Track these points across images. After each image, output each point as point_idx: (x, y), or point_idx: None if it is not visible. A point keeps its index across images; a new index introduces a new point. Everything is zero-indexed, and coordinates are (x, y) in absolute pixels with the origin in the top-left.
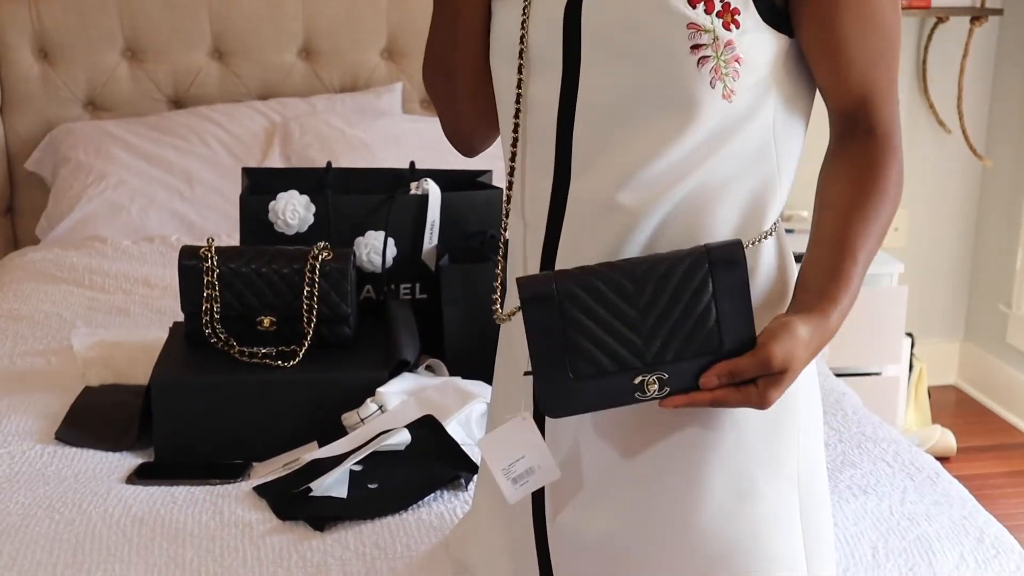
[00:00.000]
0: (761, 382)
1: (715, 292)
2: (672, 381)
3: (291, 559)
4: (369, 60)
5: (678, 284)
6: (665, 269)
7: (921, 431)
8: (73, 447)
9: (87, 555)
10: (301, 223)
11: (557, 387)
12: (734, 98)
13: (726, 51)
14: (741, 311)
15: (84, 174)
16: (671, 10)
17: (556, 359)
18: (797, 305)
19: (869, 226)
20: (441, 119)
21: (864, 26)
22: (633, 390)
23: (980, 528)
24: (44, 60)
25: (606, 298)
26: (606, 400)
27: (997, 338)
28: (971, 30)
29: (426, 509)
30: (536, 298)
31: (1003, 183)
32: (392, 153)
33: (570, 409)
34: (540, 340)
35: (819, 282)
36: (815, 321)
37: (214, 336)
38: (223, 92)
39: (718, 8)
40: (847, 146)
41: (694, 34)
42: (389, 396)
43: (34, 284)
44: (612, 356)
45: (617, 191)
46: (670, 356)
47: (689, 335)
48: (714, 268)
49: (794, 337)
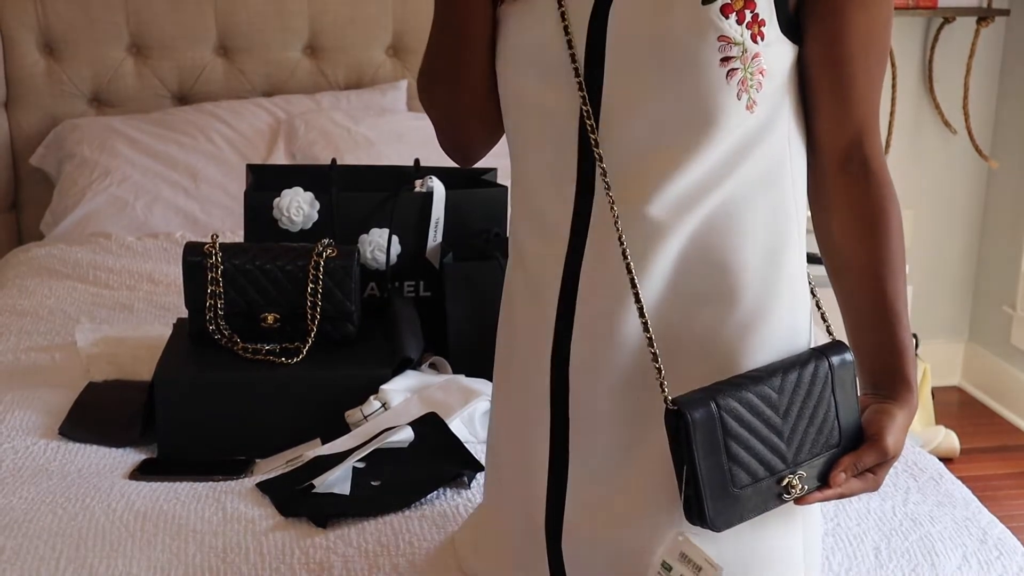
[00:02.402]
0: (877, 469)
1: (834, 389)
2: (808, 479)
3: (294, 555)
4: (374, 57)
5: (808, 386)
6: (796, 374)
7: (925, 432)
8: (76, 443)
9: (90, 550)
10: (305, 220)
11: (720, 500)
12: (756, 109)
13: (753, 63)
14: (852, 404)
15: (89, 170)
16: (704, 21)
17: (719, 474)
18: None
19: (899, 284)
20: (438, 130)
21: (867, 43)
22: (780, 493)
23: (983, 529)
24: (49, 56)
25: (757, 408)
26: (761, 505)
27: (1001, 339)
28: (977, 30)
29: (429, 506)
30: (702, 418)
31: (1009, 184)
32: (397, 150)
33: (735, 519)
34: (706, 457)
35: (888, 362)
36: (906, 405)
37: (218, 333)
38: (228, 88)
39: (748, 19)
40: (847, 188)
41: (725, 46)
42: (392, 393)
43: (38, 280)
44: (764, 463)
45: (645, 204)
46: (804, 455)
47: (818, 432)
48: (833, 369)
49: (898, 425)
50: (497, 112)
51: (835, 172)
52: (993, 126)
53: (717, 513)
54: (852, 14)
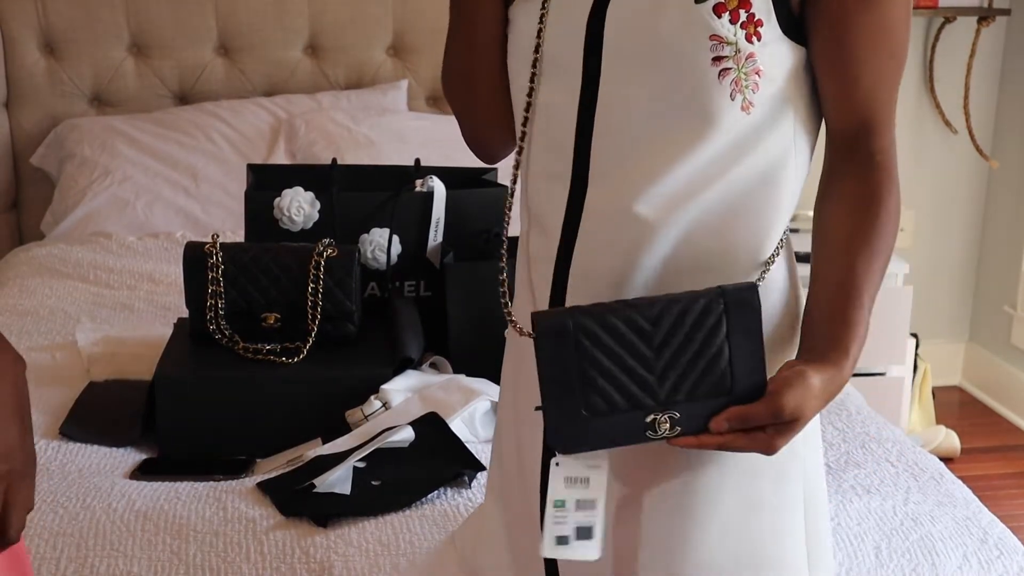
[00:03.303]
0: (770, 430)
1: (729, 333)
2: (683, 421)
3: (294, 555)
4: (375, 57)
5: (693, 324)
6: (680, 308)
7: (925, 432)
8: (77, 442)
9: (91, 550)
10: (306, 220)
11: (569, 423)
12: (752, 110)
13: (747, 63)
14: (754, 354)
15: (89, 170)
16: (696, 21)
17: (569, 395)
18: (809, 352)
19: (872, 264)
20: (461, 126)
21: (875, 43)
22: (644, 428)
23: (983, 529)
24: (50, 55)
25: (622, 336)
26: (617, 438)
27: (1002, 339)
28: (978, 30)
29: (429, 506)
30: (552, 332)
31: (1009, 184)
32: (397, 150)
33: (581, 446)
34: (553, 375)
35: (829, 329)
36: (829, 373)
37: (218, 332)
38: (229, 88)
39: (743, 19)
40: (847, 173)
41: (716, 46)
42: (393, 393)
43: (39, 279)
44: (625, 394)
45: (634, 201)
46: (682, 396)
47: (701, 375)
48: (728, 309)
49: (807, 388)
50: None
51: (839, 161)
52: (994, 126)
53: (561, 433)
54: (856, 15)
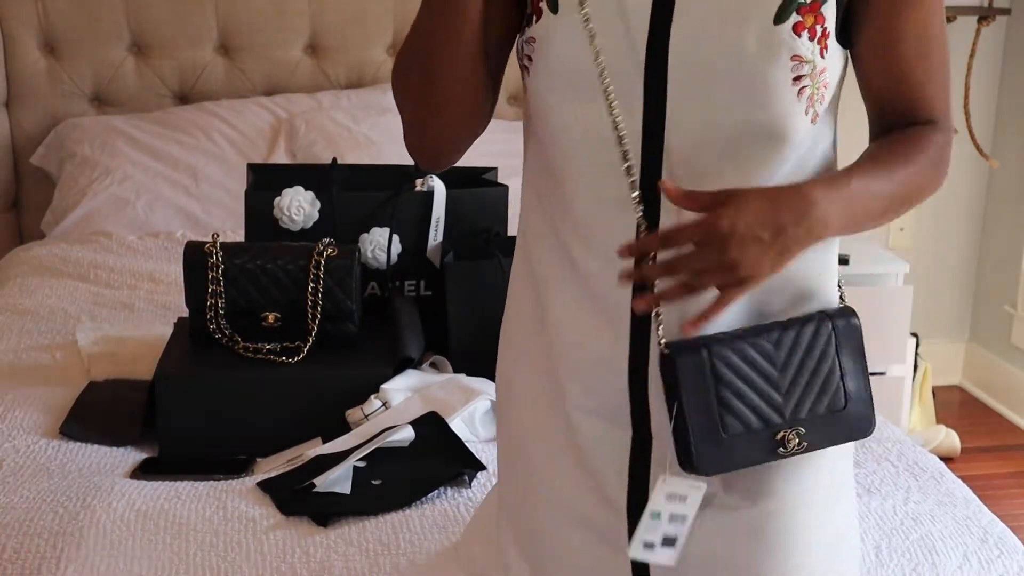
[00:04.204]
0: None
1: (838, 353)
2: (809, 436)
3: (294, 554)
4: (375, 56)
5: (807, 345)
6: (795, 331)
7: (925, 431)
8: (77, 442)
9: (91, 549)
10: (306, 219)
11: (710, 447)
12: (817, 120)
13: (820, 77)
14: (857, 368)
15: (90, 169)
16: (776, 42)
17: (709, 420)
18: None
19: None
20: (405, 127)
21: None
22: (776, 446)
23: (984, 528)
24: (50, 55)
25: (753, 360)
26: (752, 456)
27: (1002, 339)
28: (978, 30)
29: (429, 506)
30: (690, 361)
31: (1009, 183)
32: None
33: (721, 467)
34: (693, 402)
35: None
36: (779, 190)
37: (218, 332)
38: (229, 88)
39: (819, 35)
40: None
41: (797, 66)
42: (393, 393)
43: (39, 279)
44: (758, 413)
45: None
46: (804, 413)
47: (820, 392)
48: (836, 331)
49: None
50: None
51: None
52: (994, 125)
53: (704, 457)
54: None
